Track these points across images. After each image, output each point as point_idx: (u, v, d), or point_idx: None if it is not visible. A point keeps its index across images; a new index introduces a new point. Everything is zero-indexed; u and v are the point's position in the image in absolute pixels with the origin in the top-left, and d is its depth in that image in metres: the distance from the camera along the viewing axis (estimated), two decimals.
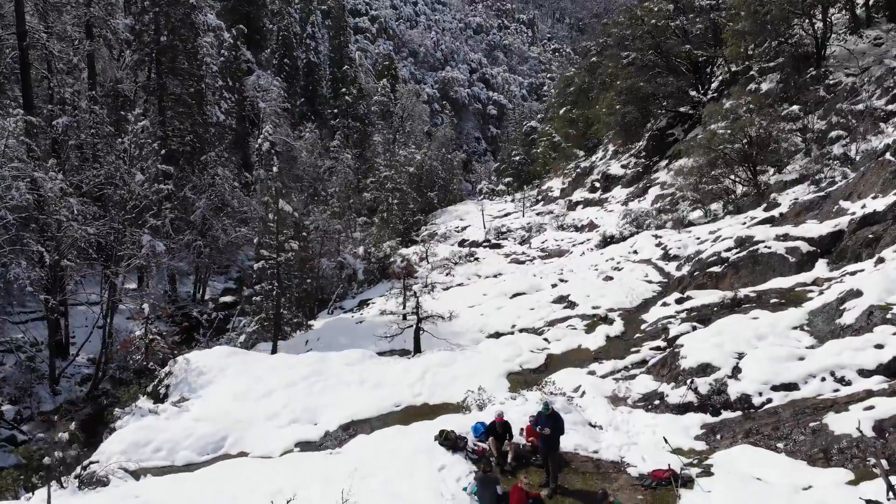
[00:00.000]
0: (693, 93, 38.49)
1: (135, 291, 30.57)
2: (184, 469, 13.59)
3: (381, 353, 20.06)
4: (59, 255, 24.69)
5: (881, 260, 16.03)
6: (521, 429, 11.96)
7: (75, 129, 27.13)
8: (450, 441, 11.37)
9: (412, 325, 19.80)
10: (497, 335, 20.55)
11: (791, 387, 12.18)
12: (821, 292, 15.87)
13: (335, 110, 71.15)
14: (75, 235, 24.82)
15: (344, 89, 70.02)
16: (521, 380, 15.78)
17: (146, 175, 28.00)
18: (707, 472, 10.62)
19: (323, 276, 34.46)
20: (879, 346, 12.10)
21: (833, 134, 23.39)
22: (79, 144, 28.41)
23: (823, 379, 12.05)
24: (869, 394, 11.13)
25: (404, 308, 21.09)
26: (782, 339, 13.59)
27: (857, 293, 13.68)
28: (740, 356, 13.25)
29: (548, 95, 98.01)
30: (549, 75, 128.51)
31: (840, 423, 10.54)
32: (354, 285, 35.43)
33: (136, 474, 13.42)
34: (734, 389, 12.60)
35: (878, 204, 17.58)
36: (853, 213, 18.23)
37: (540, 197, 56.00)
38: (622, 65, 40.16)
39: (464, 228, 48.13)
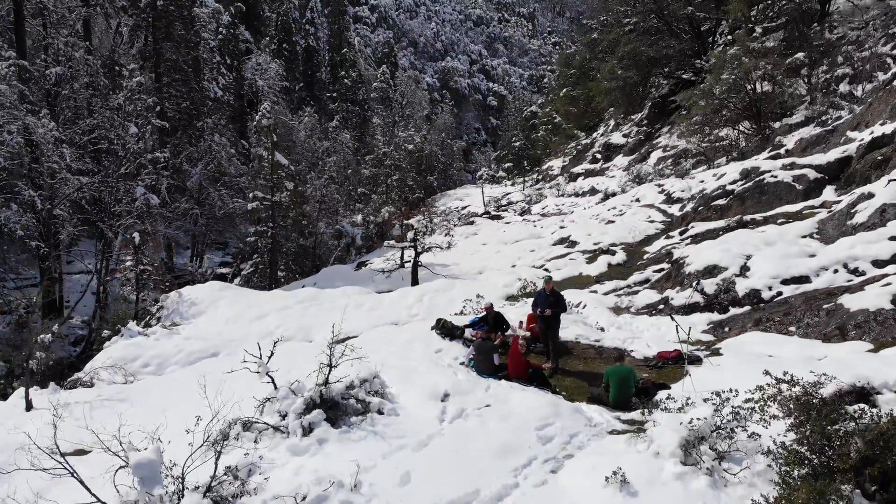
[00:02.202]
0: (696, 61, 37.99)
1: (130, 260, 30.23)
2: None
3: (378, 293, 19.65)
4: (51, 203, 24.31)
5: (892, 181, 15.55)
6: (521, 321, 11.49)
7: (69, 80, 26.72)
8: (446, 329, 10.91)
9: (410, 261, 19.35)
10: None
11: (802, 279, 11.70)
12: (829, 211, 15.40)
13: (334, 94, 70.78)
14: (67, 188, 24.43)
15: (343, 73, 69.68)
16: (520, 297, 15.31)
17: (141, 131, 27.60)
18: (716, 353, 10.14)
19: (321, 242, 33.96)
20: (894, 238, 11.64)
21: (839, 72, 22.90)
22: (73, 98, 28.02)
23: (836, 271, 11.59)
24: (884, 276, 10.66)
25: (404, 240, 20.66)
26: (792, 245, 13.12)
27: (869, 195, 13.24)
28: (748, 257, 12.78)
29: (548, 87, 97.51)
30: (549, 68, 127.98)
31: (856, 301, 10.08)
32: (353, 251, 34.94)
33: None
34: (742, 286, 12.11)
35: (887, 128, 17.11)
36: (861, 140, 17.75)
37: (540, 177, 55.51)
38: (623, 31, 39.72)
39: (464, 208, 47.66)
